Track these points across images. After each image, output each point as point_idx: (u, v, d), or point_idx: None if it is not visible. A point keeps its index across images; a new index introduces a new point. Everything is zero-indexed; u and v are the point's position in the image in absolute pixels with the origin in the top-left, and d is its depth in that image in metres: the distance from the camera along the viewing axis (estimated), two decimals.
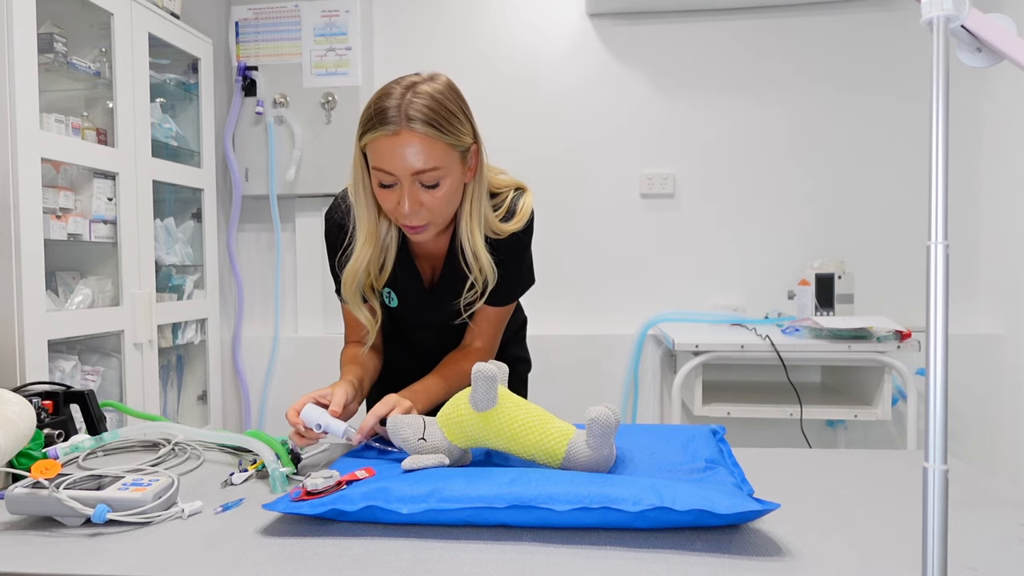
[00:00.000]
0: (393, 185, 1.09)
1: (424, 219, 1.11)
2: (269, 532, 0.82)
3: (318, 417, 1.05)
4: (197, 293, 2.51)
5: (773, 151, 2.66)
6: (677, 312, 2.66)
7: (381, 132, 1.05)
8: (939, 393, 0.56)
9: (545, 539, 0.78)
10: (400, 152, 1.05)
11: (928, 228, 0.57)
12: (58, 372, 1.87)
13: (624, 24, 2.69)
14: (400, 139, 1.04)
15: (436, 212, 1.11)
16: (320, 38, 2.65)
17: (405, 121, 1.04)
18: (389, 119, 1.04)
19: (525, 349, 1.53)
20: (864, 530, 0.82)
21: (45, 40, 1.82)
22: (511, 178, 1.26)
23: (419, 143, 1.05)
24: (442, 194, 1.10)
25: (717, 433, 1.12)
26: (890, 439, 2.59)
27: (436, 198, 1.10)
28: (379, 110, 1.06)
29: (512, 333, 1.44)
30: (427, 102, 1.05)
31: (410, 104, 1.04)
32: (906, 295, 2.60)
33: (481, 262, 1.17)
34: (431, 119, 1.05)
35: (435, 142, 1.06)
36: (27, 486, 0.85)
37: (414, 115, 1.04)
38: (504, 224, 1.20)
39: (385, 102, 1.06)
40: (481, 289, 1.21)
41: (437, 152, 1.06)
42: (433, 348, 1.33)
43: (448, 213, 1.15)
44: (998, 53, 0.68)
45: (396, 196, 1.09)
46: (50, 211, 1.84)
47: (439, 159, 1.07)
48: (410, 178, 1.07)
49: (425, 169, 1.06)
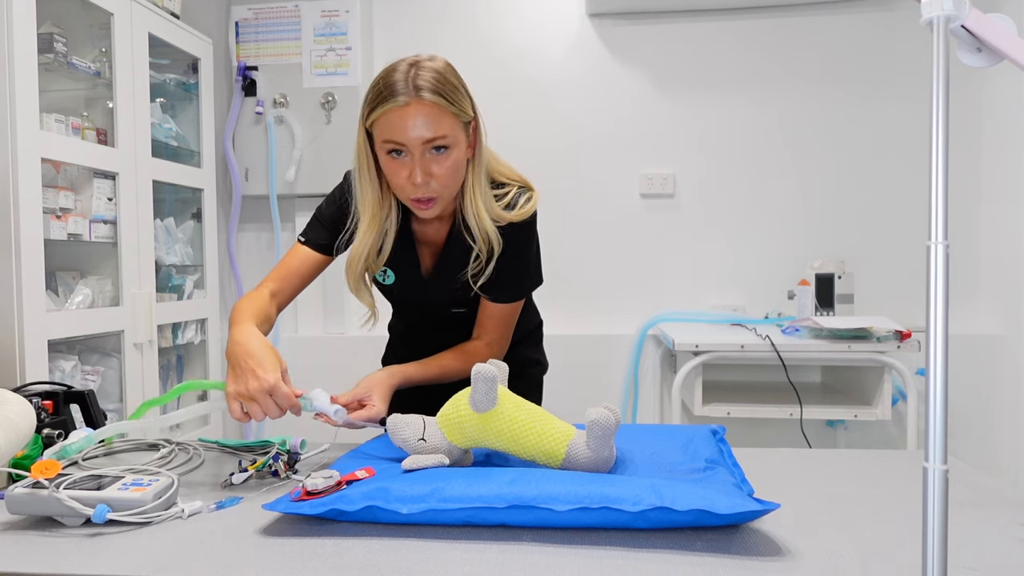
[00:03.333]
0: (403, 157, 1.12)
1: (433, 191, 1.14)
2: (269, 532, 0.81)
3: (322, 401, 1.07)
4: (197, 293, 2.51)
5: (773, 151, 2.66)
6: (677, 312, 2.66)
7: (392, 104, 1.09)
8: (939, 393, 0.56)
9: (545, 539, 0.78)
10: (412, 122, 1.09)
11: (928, 228, 0.57)
12: (58, 372, 1.87)
13: (624, 24, 2.69)
14: (411, 109, 1.08)
15: (444, 183, 1.14)
16: (320, 38, 2.65)
17: (415, 92, 1.08)
18: (399, 91, 1.08)
19: (540, 351, 1.53)
20: (864, 530, 0.82)
21: (45, 40, 1.82)
22: (518, 173, 1.28)
23: (429, 112, 1.09)
24: (450, 163, 1.13)
25: (717, 433, 1.12)
26: (890, 439, 2.59)
27: (445, 167, 1.13)
28: (388, 84, 1.10)
29: (526, 334, 1.45)
30: (433, 75, 1.10)
31: (418, 76, 1.09)
32: (906, 295, 2.60)
33: (485, 228, 1.19)
34: (439, 89, 1.09)
35: (443, 111, 1.10)
36: (27, 486, 0.85)
37: (423, 85, 1.08)
38: (503, 212, 1.22)
39: (393, 76, 1.10)
40: (486, 258, 1.22)
41: (445, 121, 1.11)
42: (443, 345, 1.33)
43: (455, 185, 1.17)
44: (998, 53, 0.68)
45: (407, 169, 1.12)
46: (50, 211, 1.84)
47: (448, 128, 1.11)
48: (421, 147, 1.10)
49: (435, 137, 1.10)
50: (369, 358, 1.48)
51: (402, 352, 1.46)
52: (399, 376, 1.22)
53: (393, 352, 1.51)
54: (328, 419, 1.07)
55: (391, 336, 1.52)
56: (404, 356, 1.41)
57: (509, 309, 1.31)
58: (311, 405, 1.05)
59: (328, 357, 2.73)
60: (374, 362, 1.52)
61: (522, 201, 1.23)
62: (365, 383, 1.18)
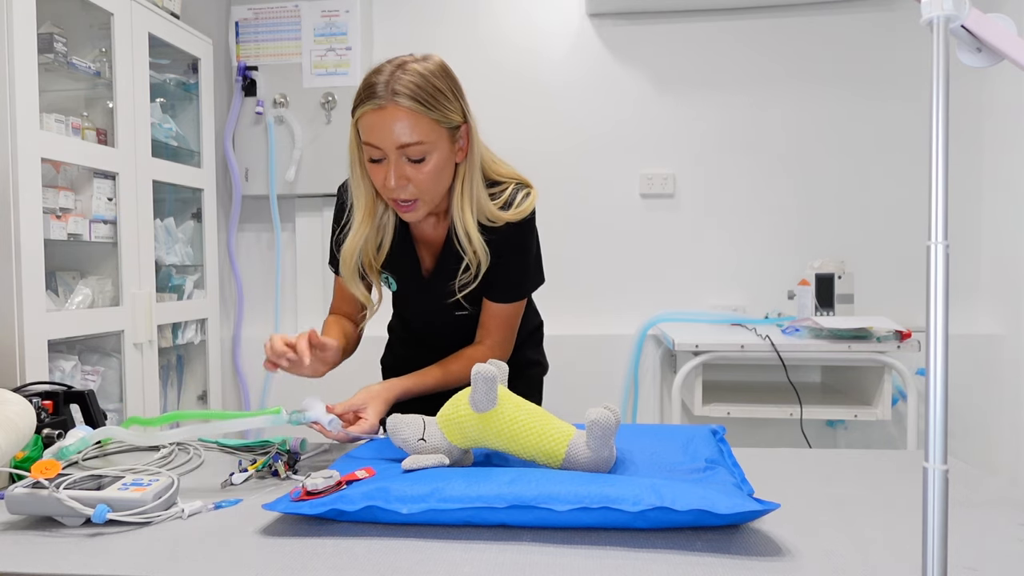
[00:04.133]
0: (381, 160, 1.13)
1: (411, 194, 1.14)
2: (269, 532, 0.81)
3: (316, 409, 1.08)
4: (197, 293, 2.51)
5: (773, 151, 2.66)
6: (677, 312, 2.66)
7: (369, 106, 1.09)
8: (939, 393, 0.56)
9: (545, 539, 0.78)
10: (386, 125, 1.09)
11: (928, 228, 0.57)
12: (58, 372, 1.87)
13: (624, 24, 2.69)
14: (387, 113, 1.09)
15: (423, 188, 1.14)
16: (320, 38, 2.66)
17: (391, 96, 1.08)
18: (377, 94, 1.09)
19: (541, 352, 1.53)
20: (864, 530, 0.82)
21: (45, 40, 1.82)
22: (515, 172, 1.28)
23: (404, 117, 1.09)
24: (428, 169, 1.13)
25: (717, 433, 1.12)
26: (890, 439, 2.59)
27: (423, 173, 1.12)
28: (368, 85, 1.11)
29: (526, 335, 1.44)
30: (414, 79, 1.09)
31: (397, 80, 1.09)
32: (906, 295, 2.60)
33: (473, 243, 1.19)
34: (416, 95, 1.09)
35: (420, 117, 1.09)
36: (27, 486, 0.85)
37: (400, 90, 1.08)
38: (500, 212, 1.21)
39: (374, 78, 1.11)
40: (475, 272, 1.22)
41: (422, 127, 1.10)
42: (444, 347, 1.33)
43: (436, 190, 1.17)
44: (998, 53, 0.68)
45: (384, 171, 1.13)
46: (50, 211, 1.84)
47: (424, 134, 1.10)
48: (396, 152, 1.10)
49: (410, 143, 1.10)
50: (368, 358, 1.48)
51: (400, 352, 1.46)
52: (397, 389, 1.22)
53: (391, 352, 1.51)
54: (322, 429, 1.07)
55: (390, 337, 1.52)
56: (402, 356, 1.41)
57: (512, 309, 1.30)
58: (304, 416, 1.06)
59: None
60: (373, 362, 1.52)
61: (520, 198, 1.23)
62: (362, 394, 1.18)
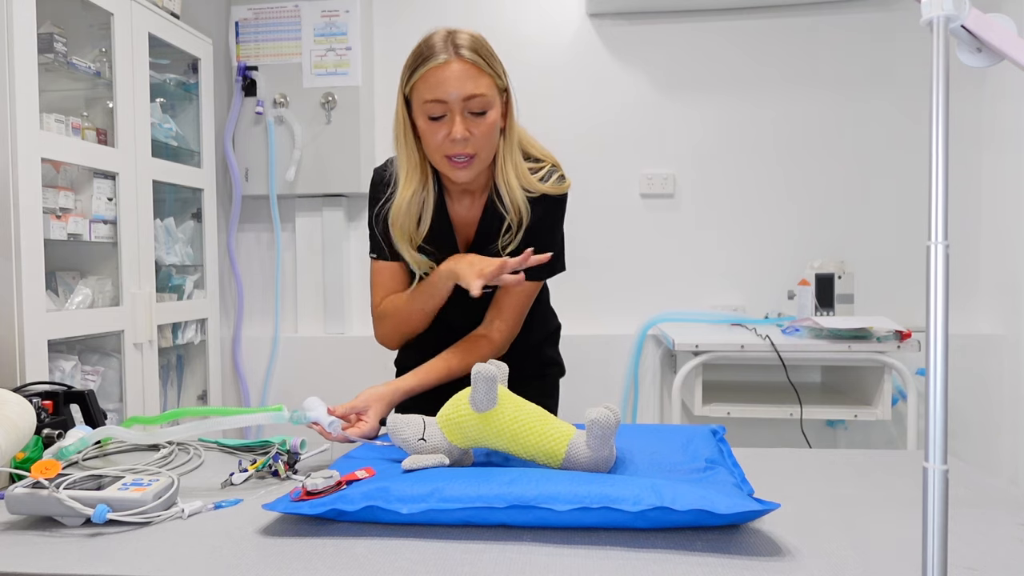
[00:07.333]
0: (442, 117, 1.16)
1: (473, 147, 1.18)
2: (269, 532, 0.81)
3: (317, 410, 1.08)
4: (197, 293, 2.51)
5: (773, 151, 2.66)
6: (677, 312, 2.66)
7: (432, 64, 1.15)
8: (939, 393, 0.56)
9: (545, 539, 0.78)
10: (452, 78, 1.14)
11: (928, 228, 0.57)
12: (58, 372, 1.87)
13: (624, 24, 2.69)
14: (451, 67, 1.14)
15: (481, 143, 1.18)
16: (320, 38, 2.65)
17: (454, 51, 1.15)
18: (439, 51, 1.15)
19: (559, 353, 1.55)
20: (864, 530, 0.82)
21: (45, 40, 1.82)
22: (549, 152, 1.32)
23: (469, 69, 1.15)
24: (487, 124, 1.18)
25: (717, 433, 1.12)
26: (890, 439, 2.59)
27: (484, 126, 1.17)
28: (428, 45, 1.16)
29: (546, 336, 1.48)
30: (470, 38, 1.18)
31: (456, 37, 1.17)
32: (906, 295, 2.60)
33: (516, 198, 1.23)
34: (477, 50, 1.17)
35: (481, 71, 1.17)
36: (27, 486, 0.85)
37: (462, 44, 1.16)
38: (539, 183, 1.25)
39: (431, 40, 1.17)
40: (515, 230, 1.25)
41: (484, 81, 1.17)
42: (462, 324, 1.33)
43: (491, 147, 1.21)
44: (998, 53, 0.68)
45: (446, 128, 1.16)
46: (50, 211, 1.84)
47: (485, 87, 1.17)
48: (461, 104, 1.15)
49: (475, 94, 1.15)
50: (368, 358, 1.48)
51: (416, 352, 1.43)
52: (400, 392, 1.22)
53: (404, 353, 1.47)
54: (322, 430, 1.07)
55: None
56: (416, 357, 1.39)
57: (531, 289, 1.32)
58: (305, 416, 1.06)
59: (328, 357, 2.72)
60: (373, 362, 1.51)
61: (554, 179, 1.28)
62: (364, 396, 1.18)
